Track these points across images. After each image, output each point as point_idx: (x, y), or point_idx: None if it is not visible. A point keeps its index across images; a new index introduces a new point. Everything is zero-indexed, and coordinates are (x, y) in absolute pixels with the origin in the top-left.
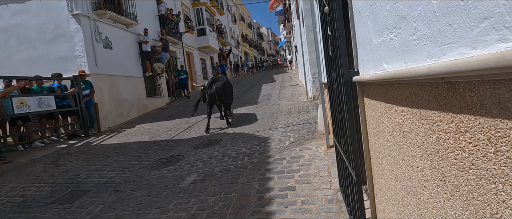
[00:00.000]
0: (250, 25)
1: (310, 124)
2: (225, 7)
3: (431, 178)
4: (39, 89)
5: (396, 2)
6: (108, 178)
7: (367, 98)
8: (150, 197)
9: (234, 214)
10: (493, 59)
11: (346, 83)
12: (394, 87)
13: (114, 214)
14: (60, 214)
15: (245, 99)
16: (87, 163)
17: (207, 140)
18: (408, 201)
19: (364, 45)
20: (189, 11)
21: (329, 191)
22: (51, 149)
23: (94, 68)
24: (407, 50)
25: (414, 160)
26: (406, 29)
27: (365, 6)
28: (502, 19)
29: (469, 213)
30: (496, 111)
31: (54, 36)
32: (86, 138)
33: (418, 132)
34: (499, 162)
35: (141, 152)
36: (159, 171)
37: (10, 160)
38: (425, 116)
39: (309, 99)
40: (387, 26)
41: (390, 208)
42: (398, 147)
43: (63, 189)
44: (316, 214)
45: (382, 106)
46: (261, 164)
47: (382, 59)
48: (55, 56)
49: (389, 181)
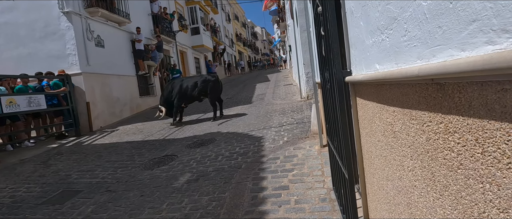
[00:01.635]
0: (244, 24)
1: (303, 123)
2: (219, 6)
3: (421, 177)
4: (24, 88)
5: (387, 3)
6: (100, 178)
7: (359, 98)
8: (143, 197)
9: (227, 214)
10: (481, 61)
11: (339, 83)
12: (385, 87)
13: (106, 215)
14: (51, 215)
15: (239, 98)
16: (78, 163)
17: (201, 139)
18: (399, 200)
19: (356, 46)
20: (182, 9)
21: (322, 190)
22: (41, 149)
23: (86, 67)
24: (398, 51)
25: (405, 159)
26: (397, 30)
27: (357, 7)
28: (489, 22)
29: (458, 212)
30: (483, 112)
31: (44, 34)
32: (77, 138)
33: (408, 132)
34: (486, 162)
35: (134, 152)
36: (152, 171)
37: None
38: (415, 117)
39: (303, 98)
40: (379, 27)
41: (381, 207)
42: (389, 146)
43: (54, 189)
44: (310, 213)
45: (374, 106)
46: (255, 163)
47: (374, 59)
48: (45, 54)
49: (380, 181)
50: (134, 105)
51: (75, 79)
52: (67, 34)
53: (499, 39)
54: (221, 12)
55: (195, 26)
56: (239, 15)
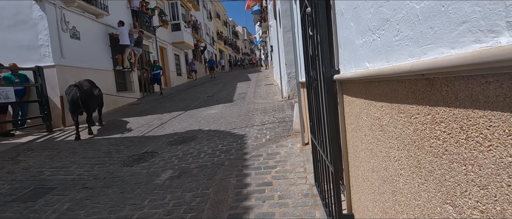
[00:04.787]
0: (225, 22)
1: (285, 122)
2: (200, 3)
3: (407, 166)
4: None
5: (380, 6)
6: (76, 175)
7: (346, 96)
8: (123, 193)
9: (212, 210)
10: (470, 57)
11: (328, 82)
12: (374, 84)
13: (83, 212)
14: (22, 213)
15: (220, 97)
16: (51, 160)
17: (182, 137)
18: (384, 189)
19: (345, 46)
20: (163, 5)
21: (305, 186)
22: (8, 144)
23: (60, 59)
24: (390, 50)
25: (391, 151)
26: (389, 31)
27: (348, 9)
28: (477, 23)
29: (441, 194)
30: (468, 103)
31: (14, 23)
32: (49, 134)
33: (396, 125)
34: (470, 147)
35: (111, 149)
36: (132, 167)
37: None
38: (404, 110)
39: (284, 98)
40: (370, 28)
41: (365, 197)
42: (376, 140)
43: (25, 186)
44: (293, 207)
45: (362, 103)
46: (238, 160)
47: (364, 58)
48: (14, 44)
49: (365, 173)
50: (110, 101)
51: (47, 71)
52: (40, 24)
53: (485, 38)
54: (202, 10)
55: (176, 22)
56: (221, 14)
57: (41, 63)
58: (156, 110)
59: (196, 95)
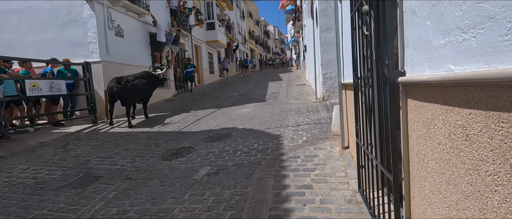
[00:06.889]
0: (257, 22)
1: (321, 124)
2: (234, 2)
3: (507, 182)
4: (28, 73)
5: (478, 2)
6: (120, 166)
7: (412, 100)
8: (163, 187)
9: (251, 209)
10: None
11: (391, 84)
12: (459, 89)
13: (128, 202)
14: (73, 199)
15: (252, 95)
16: (97, 150)
17: (217, 134)
18: (466, 205)
19: (415, 46)
20: (199, 4)
21: (347, 191)
22: (59, 133)
23: (105, 56)
24: (492, 51)
25: (481, 164)
26: (493, 30)
27: (424, 7)
28: None
29: None
30: None
31: (67, 21)
32: (94, 125)
33: (492, 136)
34: None
35: (151, 142)
36: (171, 161)
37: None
38: (507, 120)
39: (318, 99)
40: (459, 27)
41: (434, 211)
42: (456, 150)
43: (75, 173)
44: (336, 213)
45: (436, 108)
46: (275, 161)
47: (447, 60)
48: (66, 41)
49: (436, 185)
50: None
51: (94, 67)
52: (89, 22)
53: None
54: (236, 9)
55: (210, 21)
56: (253, 13)
57: (89, 59)
58: (191, 107)
59: (228, 93)
